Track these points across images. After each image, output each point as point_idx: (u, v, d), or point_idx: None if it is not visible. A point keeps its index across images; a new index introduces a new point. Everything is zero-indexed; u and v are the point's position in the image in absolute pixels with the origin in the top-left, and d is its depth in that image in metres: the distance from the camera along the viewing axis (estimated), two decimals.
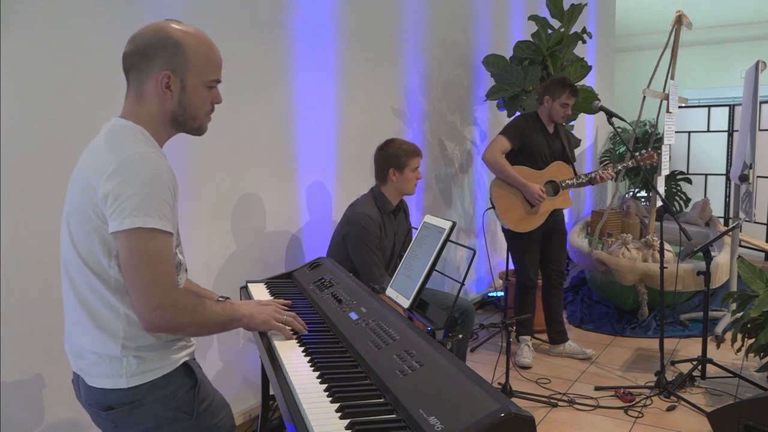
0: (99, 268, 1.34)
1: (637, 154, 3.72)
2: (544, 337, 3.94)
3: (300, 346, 1.64)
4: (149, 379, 1.37)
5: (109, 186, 1.27)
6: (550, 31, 4.18)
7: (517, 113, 4.10)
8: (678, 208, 6.90)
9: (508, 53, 4.36)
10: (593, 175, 3.60)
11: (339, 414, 1.25)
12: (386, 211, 2.89)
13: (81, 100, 2.08)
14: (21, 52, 1.92)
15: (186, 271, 1.53)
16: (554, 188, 3.56)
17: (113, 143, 1.34)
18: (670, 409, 3.04)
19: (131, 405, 1.36)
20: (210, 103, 1.45)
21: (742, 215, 4.38)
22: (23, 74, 1.93)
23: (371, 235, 2.77)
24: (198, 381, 1.45)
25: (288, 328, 1.69)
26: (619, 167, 3.74)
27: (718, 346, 3.84)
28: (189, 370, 1.45)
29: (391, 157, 2.87)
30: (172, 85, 1.37)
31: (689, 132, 7.39)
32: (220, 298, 1.73)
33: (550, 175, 3.57)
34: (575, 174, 3.63)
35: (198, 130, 1.47)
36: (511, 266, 3.98)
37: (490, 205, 3.60)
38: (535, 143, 3.53)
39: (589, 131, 6.84)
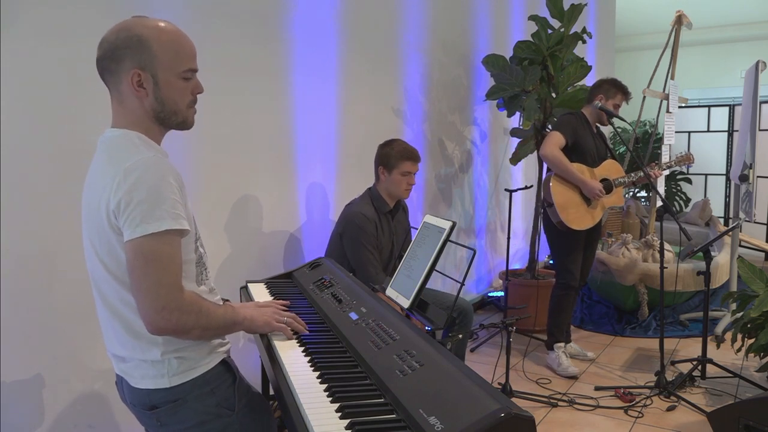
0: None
1: (677, 154, 3.77)
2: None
3: (300, 346, 1.64)
4: (190, 377, 1.41)
5: (118, 197, 1.28)
6: (550, 31, 4.18)
7: (566, 114, 3.87)
8: (678, 208, 6.91)
9: (508, 53, 4.35)
10: (641, 174, 3.56)
11: (339, 414, 1.25)
12: (383, 210, 2.89)
13: (81, 100, 2.08)
14: (21, 52, 1.92)
15: (206, 267, 1.53)
16: (607, 186, 3.52)
17: (113, 155, 1.35)
18: (670, 409, 3.04)
19: (175, 403, 1.40)
20: (190, 93, 1.42)
21: (742, 215, 4.38)
22: (23, 74, 1.93)
23: (367, 234, 2.77)
24: (237, 377, 1.50)
25: (288, 328, 1.69)
26: (664, 167, 3.72)
27: (718, 346, 3.84)
28: (228, 367, 1.49)
29: (383, 156, 2.89)
30: (144, 82, 1.35)
31: (689, 132, 7.39)
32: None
33: (604, 172, 3.55)
34: (626, 173, 3.62)
35: (183, 125, 1.44)
36: (512, 266, 3.96)
37: (547, 203, 3.49)
38: (584, 141, 3.50)
39: None
